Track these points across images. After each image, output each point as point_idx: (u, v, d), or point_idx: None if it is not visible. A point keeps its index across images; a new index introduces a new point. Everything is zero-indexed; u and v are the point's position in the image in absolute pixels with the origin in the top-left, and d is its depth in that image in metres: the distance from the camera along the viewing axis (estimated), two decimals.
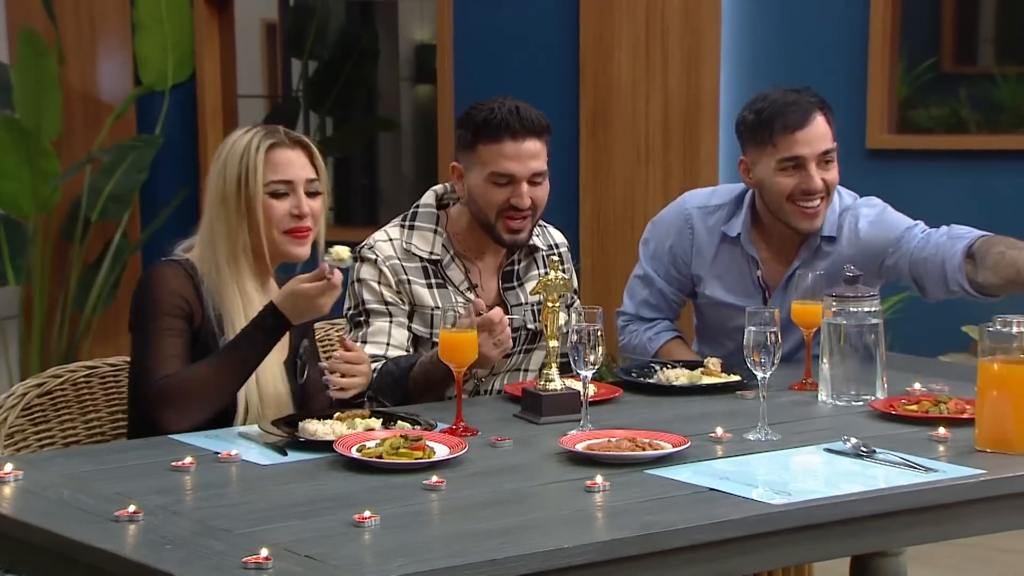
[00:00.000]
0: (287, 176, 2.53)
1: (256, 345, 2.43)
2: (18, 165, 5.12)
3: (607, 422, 2.41)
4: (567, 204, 5.12)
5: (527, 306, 2.87)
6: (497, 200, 2.74)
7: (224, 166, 2.53)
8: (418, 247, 2.80)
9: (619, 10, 4.98)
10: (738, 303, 2.94)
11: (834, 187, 2.88)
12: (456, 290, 2.80)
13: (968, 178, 4.85)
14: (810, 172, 2.83)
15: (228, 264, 2.50)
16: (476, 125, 2.75)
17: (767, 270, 2.97)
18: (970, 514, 2.12)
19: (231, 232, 2.50)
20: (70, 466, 2.18)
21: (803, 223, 2.87)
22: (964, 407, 2.44)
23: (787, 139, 2.82)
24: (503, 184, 2.73)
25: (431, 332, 2.77)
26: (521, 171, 2.73)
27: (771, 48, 4.97)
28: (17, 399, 2.54)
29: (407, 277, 2.78)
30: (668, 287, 3.06)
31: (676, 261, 3.04)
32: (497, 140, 2.72)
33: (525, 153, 2.73)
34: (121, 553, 1.76)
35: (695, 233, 3.00)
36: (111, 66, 5.55)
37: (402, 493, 2.00)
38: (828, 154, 2.85)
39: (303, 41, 6.94)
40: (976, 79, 5.55)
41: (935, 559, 3.75)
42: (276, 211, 2.52)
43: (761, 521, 1.93)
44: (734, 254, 2.98)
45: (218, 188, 2.52)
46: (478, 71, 5.24)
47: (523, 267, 2.90)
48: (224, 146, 2.57)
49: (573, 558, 1.76)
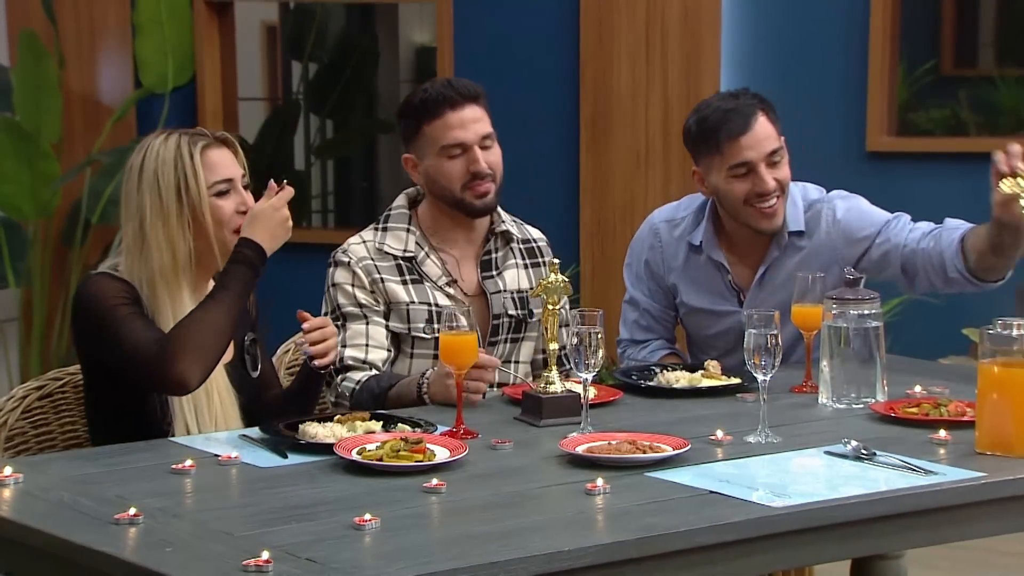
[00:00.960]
0: (227, 175, 2.50)
1: (241, 278, 2.41)
2: (18, 168, 5.12)
3: (607, 425, 2.41)
4: (567, 207, 5.12)
5: (507, 293, 2.88)
6: (456, 172, 2.79)
7: (155, 178, 2.45)
8: (391, 246, 2.82)
9: (619, 13, 4.99)
10: (714, 308, 2.98)
11: (787, 183, 2.91)
12: (434, 285, 2.82)
13: (968, 180, 4.84)
14: (761, 174, 2.85)
15: (166, 277, 2.44)
16: (415, 109, 2.81)
17: (737, 273, 2.99)
18: (970, 517, 2.12)
19: (172, 243, 2.44)
20: (70, 469, 2.18)
21: (763, 223, 2.89)
22: (964, 410, 2.44)
23: (733, 146, 2.85)
24: (457, 155, 2.79)
25: (408, 327, 2.78)
26: (470, 137, 2.79)
27: (771, 51, 4.98)
28: (17, 402, 2.54)
29: (380, 276, 2.80)
30: (654, 304, 3.08)
31: (654, 275, 3.07)
32: (439, 115, 2.78)
33: (468, 119, 2.78)
34: (121, 556, 1.76)
35: (664, 245, 3.04)
36: (111, 69, 5.55)
37: (402, 496, 2.00)
38: (776, 153, 2.88)
39: (303, 44, 6.94)
40: (976, 82, 5.56)
41: (935, 562, 3.75)
42: (225, 211, 2.49)
43: (761, 524, 1.93)
44: (702, 262, 3.01)
45: (152, 201, 2.45)
46: (478, 74, 5.22)
47: (500, 256, 2.91)
48: (143, 157, 2.48)
49: (573, 561, 1.76)
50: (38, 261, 5.28)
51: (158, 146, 2.48)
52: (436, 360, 2.74)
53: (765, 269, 2.95)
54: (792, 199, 2.95)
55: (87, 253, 5.34)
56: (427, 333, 2.78)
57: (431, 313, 2.79)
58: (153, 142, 2.50)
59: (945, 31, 5.51)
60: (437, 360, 2.73)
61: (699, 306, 3.01)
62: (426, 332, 2.78)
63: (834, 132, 4.94)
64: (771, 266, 2.95)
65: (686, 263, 3.01)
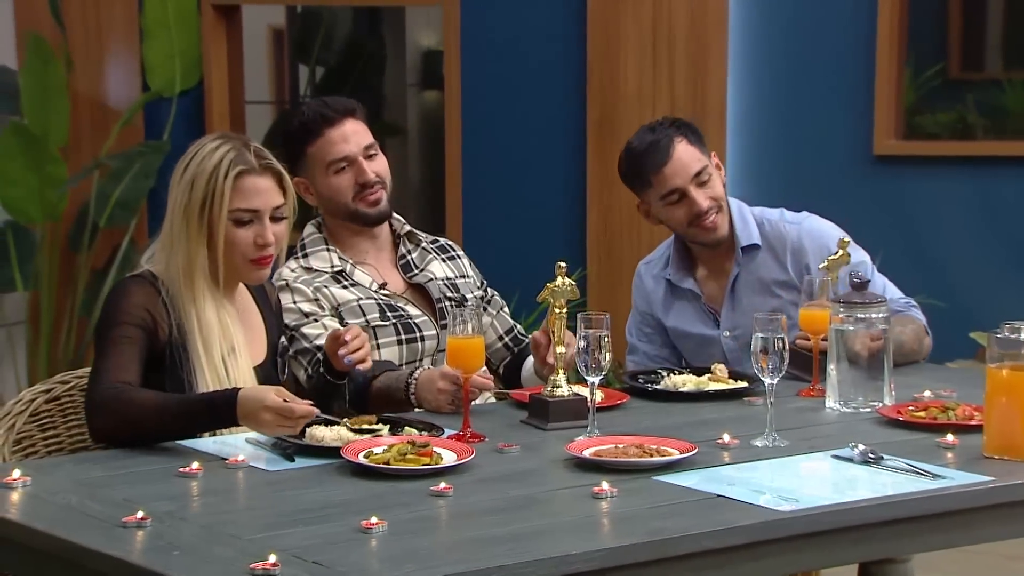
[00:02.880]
0: (253, 205, 2.49)
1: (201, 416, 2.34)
2: (26, 171, 5.13)
3: (614, 428, 2.41)
4: (574, 211, 5.12)
5: (438, 281, 2.94)
6: (345, 185, 2.86)
7: (191, 183, 2.48)
8: (318, 267, 2.88)
9: (626, 17, 4.99)
10: (698, 332, 3.07)
11: (722, 198, 3.00)
12: (367, 290, 2.86)
13: (975, 184, 4.84)
14: (692, 197, 2.96)
15: (188, 277, 2.47)
16: (295, 133, 2.89)
17: (709, 295, 3.07)
18: (978, 521, 2.11)
19: (190, 250, 2.47)
20: (78, 472, 2.18)
21: (709, 237, 3.00)
22: (972, 413, 2.43)
23: (659, 177, 2.97)
24: (343, 169, 2.86)
25: (366, 320, 2.81)
26: (352, 150, 2.86)
27: (778, 55, 4.97)
28: (25, 405, 2.55)
29: (320, 283, 2.84)
30: (651, 347, 3.13)
31: (644, 317, 3.15)
32: (318, 134, 2.85)
33: (348, 132, 2.87)
34: (128, 559, 1.77)
35: (645, 285, 3.15)
36: (119, 72, 5.56)
37: (409, 499, 2.00)
38: (702, 173, 2.97)
39: (310, 47, 6.95)
40: (983, 85, 5.55)
41: (942, 566, 3.74)
42: (239, 239, 2.49)
43: (768, 528, 1.93)
44: (679, 293, 3.09)
45: (182, 202, 2.48)
46: (485, 77, 5.24)
47: (417, 256, 2.99)
48: (192, 157, 2.51)
49: (580, 564, 1.76)
50: (45, 264, 5.29)
51: (205, 152, 2.51)
52: (401, 346, 2.80)
53: (732, 285, 3.03)
54: (741, 215, 3.04)
55: (94, 256, 5.35)
56: (384, 321, 2.82)
57: (380, 305, 2.84)
58: (206, 145, 2.53)
59: (952, 34, 5.50)
60: (402, 346, 2.80)
61: (686, 331, 3.09)
62: (383, 320, 2.82)
63: (841, 135, 4.94)
64: (735, 281, 3.03)
65: (665, 297, 3.11)
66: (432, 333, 2.86)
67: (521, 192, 5.23)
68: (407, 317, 2.85)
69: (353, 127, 2.87)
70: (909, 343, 2.92)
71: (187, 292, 2.47)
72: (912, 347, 2.94)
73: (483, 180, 5.26)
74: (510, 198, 5.24)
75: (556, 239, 5.10)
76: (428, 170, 7.36)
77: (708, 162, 2.99)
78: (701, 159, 2.98)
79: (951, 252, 4.81)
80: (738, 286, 3.02)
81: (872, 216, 4.77)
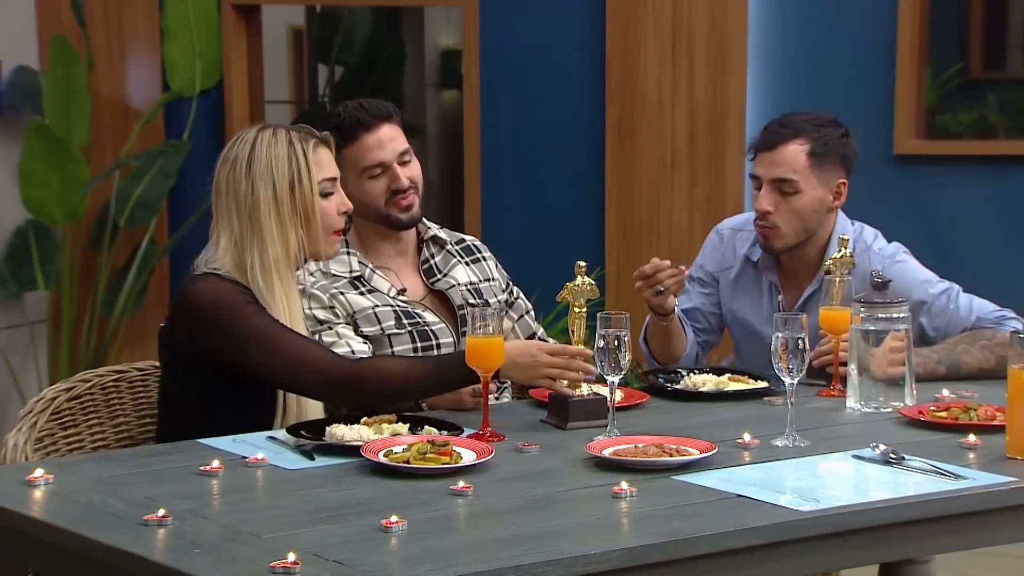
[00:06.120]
0: (332, 174, 2.58)
1: (441, 377, 2.48)
2: (48, 171, 5.15)
3: (634, 428, 2.41)
4: (593, 211, 5.12)
5: (461, 287, 2.93)
6: (378, 191, 2.87)
7: (270, 170, 2.51)
8: (337, 270, 2.87)
9: (645, 17, 4.98)
10: (757, 325, 3.01)
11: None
12: (386, 296, 2.86)
13: (996, 184, 4.81)
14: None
15: (279, 268, 2.50)
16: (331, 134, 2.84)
17: (784, 296, 3.03)
18: (1000, 522, 2.10)
19: (285, 235, 2.51)
20: (99, 470, 2.19)
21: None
22: (994, 414, 2.42)
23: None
24: (378, 175, 2.86)
25: (381, 328, 2.80)
26: (388, 156, 2.86)
27: (798, 55, 4.96)
28: (47, 403, 2.56)
29: (337, 290, 2.83)
30: (701, 298, 3.11)
31: (709, 277, 3.11)
32: (355, 139, 2.85)
33: (384, 139, 2.86)
34: (150, 557, 1.77)
35: (724, 245, 3.10)
36: (140, 72, 5.58)
37: (429, 498, 2.00)
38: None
39: (330, 47, 6.96)
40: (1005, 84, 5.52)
41: (964, 567, 3.73)
42: (328, 210, 2.56)
43: (789, 528, 1.92)
44: (755, 278, 3.05)
45: (266, 193, 2.50)
46: (504, 77, 5.24)
47: (440, 260, 2.97)
48: (250, 149, 2.52)
49: (600, 564, 1.76)
50: (67, 264, 5.31)
51: (268, 140, 2.53)
52: (416, 353, 2.79)
53: (807, 297, 2.98)
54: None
55: (115, 256, 5.37)
56: (400, 328, 2.81)
57: (397, 312, 2.82)
58: (262, 135, 2.54)
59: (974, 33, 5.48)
60: (417, 353, 2.79)
61: (744, 317, 3.05)
62: (398, 328, 2.81)
63: (862, 135, 4.87)
64: (811, 296, 2.97)
65: (740, 273, 3.06)
66: (449, 340, 2.84)
67: (540, 192, 5.23)
68: (423, 324, 2.84)
69: (389, 132, 2.87)
70: (970, 365, 2.82)
71: (277, 285, 2.50)
72: (972, 368, 2.82)
73: (502, 180, 5.25)
74: (529, 198, 5.23)
75: (575, 239, 5.09)
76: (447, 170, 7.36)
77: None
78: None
79: (973, 251, 4.78)
80: (811, 301, 2.96)
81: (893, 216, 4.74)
